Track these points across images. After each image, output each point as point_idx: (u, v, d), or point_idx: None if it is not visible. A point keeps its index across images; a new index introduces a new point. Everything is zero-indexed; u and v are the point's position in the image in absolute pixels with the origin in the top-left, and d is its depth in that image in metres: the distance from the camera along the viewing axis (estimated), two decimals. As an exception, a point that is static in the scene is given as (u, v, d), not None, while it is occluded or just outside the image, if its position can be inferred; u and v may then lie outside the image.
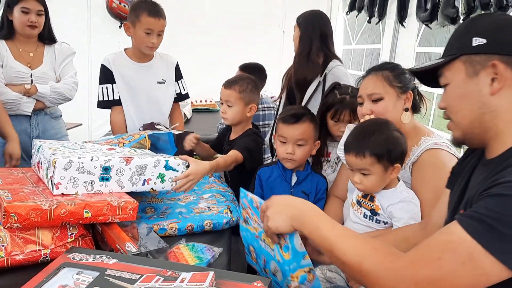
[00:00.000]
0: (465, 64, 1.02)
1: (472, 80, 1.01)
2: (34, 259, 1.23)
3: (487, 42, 0.99)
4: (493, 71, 0.98)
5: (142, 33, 2.33)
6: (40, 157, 1.53)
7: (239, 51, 4.76)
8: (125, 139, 2.09)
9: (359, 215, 1.56)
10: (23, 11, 2.45)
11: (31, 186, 1.40)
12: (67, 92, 2.63)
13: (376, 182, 1.46)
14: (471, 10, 2.44)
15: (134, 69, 2.48)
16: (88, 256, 1.12)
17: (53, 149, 1.49)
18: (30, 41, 2.58)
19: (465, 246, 0.85)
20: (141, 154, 1.67)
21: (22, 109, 2.51)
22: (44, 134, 2.64)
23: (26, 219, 1.19)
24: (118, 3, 4.84)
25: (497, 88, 0.98)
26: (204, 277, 1.01)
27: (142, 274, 1.02)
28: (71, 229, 1.29)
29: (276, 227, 1.12)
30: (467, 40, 1.02)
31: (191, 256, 1.35)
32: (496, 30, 1.01)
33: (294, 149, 1.80)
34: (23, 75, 2.52)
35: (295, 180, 1.87)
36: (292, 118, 1.80)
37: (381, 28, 4.14)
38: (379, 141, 1.42)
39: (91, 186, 1.43)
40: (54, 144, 1.61)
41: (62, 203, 1.25)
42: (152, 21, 2.30)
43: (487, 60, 0.99)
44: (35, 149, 1.62)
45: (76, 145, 1.70)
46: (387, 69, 1.64)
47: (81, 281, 1.01)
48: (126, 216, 1.35)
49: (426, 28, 3.19)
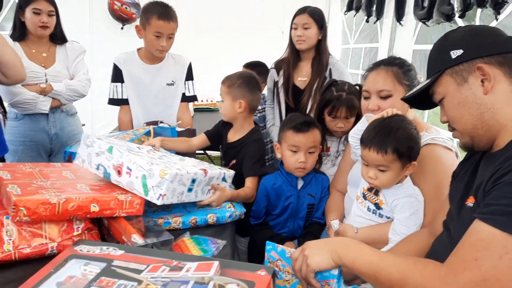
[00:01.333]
0: (452, 75, 1.10)
1: (464, 86, 1.08)
2: (41, 253, 1.25)
3: (464, 51, 1.08)
4: (480, 73, 1.05)
5: (152, 36, 2.32)
6: (121, 161, 1.46)
7: (238, 51, 4.77)
8: (130, 134, 2.12)
9: (363, 208, 1.57)
10: (35, 12, 2.51)
11: (39, 181, 1.42)
12: (81, 88, 2.73)
13: (392, 178, 1.45)
14: (467, 7, 2.46)
15: (144, 70, 2.49)
16: (95, 248, 1.13)
17: (138, 155, 1.49)
18: (42, 41, 2.65)
19: (497, 241, 0.88)
20: (209, 166, 1.73)
21: (39, 108, 2.59)
22: (62, 131, 2.74)
23: (35, 213, 1.22)
24: (119, 5, 4.86)
25: (489, 86, 1.04)
26: (209, 266, 1.02)
27: (148, 265, 1.04)
28: (78, 223, 1.31)
29: (317, 263, 1.12)
30: (446, 55, 1.10)
31: (195, 248, 1.38)
32: (468, 38, 1.09)
33: (306, 157, 1.78)
34: (38, 75, 2.58)
35: (301, 184, 1.87)
36: (305, 126, 1.79)
37: (379, 27, 4.16)
38: (402, 138, 1.40)
39: (181, 196, 1.50)
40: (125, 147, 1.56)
41: (70, 198, 1.27)
42: (161, 24, 2.28)
43: (471, 65, 1.06)
44: (102, 149, 1.51)
45: (143, 149, 1.72)
46: (396, 65, 1.63)
47: (89, 272, 1.02)
48: (132, 210, 1.38)
49: (422, 26, 3.21)
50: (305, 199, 1.86)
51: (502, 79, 1.04)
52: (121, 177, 1.47)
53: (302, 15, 2.59)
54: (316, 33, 2.59)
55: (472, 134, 1.10)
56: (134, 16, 5.00)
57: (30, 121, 2.62)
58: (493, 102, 1.05)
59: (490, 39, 1.07)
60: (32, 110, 2.57)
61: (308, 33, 2.57)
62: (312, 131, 1.80)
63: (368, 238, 1.52)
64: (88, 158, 1.52)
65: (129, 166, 1.44)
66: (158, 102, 2.55)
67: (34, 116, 2.62)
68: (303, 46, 2.60)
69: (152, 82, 2.51)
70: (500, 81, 1.04)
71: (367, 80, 1.69)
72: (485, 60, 1.05)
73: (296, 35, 2.59)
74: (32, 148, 2.66)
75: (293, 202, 1.85)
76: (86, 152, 1.54)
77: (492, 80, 1.04)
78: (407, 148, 1.40)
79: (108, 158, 1.48)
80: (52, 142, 2.71)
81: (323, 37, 2.62)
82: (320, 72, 2.60)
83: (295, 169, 1.80)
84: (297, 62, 2.69)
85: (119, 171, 1.46)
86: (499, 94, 1.04)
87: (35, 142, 2.66)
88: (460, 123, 1.11)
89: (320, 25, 2.60)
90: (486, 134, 1.08)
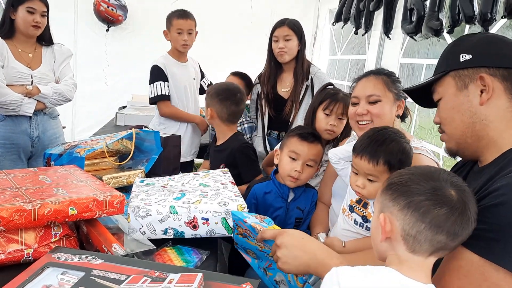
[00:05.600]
0: (455, 79, 1.08)
1: (462, 92, 1.07)
2: (16, 259, 1.20)
3: (473, 57, 1.06)
4: (481, 83, 1.03)
5: (175, 34, 2.88)
6: (192, 215, 1.44)
7: (226, 59, 4.77)
8: (112, 136, 2.10)
9: (350, 221, 1.55)
10: (29, 11, 2.47)
11: (13, 188, 1.36)
12: (68, 93, 2.68)
13: (379, 190, 1.45)
14: (455, 23, 2.49)
15: (179, 67, 3.00)
16: (74, 256, 1.09)
17: (203, 201, 1.49)
18: (29, 41, 2.60)
19: (475, 268, 0.87)
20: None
21: (23, 110, 2.52)
22: (44, 134, 2.68)
23: (9, 222, 1.16)
24: (106, 7, 4.79)
25: (485, 98, 1.03)
26: (192, 278, 0.99)
27: (129, 275, 1.00)
28: (56, 229, 1.26)
29: (289, 270, 1.13)
30: (455, 57, 1.09)
31: (178, 259, 1.34)
32: (481, 45, 1.07)
33: (303, 168, 1.76)
34: (24, 76, 2.52)
35: (292, 197, 1.83)
36: (311, 136, 1.78)
37: (367, 39, 4.20)
38: (394, 151, 1.39)
39: None
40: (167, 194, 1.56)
41: (46, 203, 1.22)
42: (181, 22, 2.86)
43: (475, 73, 1.04)
44: (163, 213, 1.44)
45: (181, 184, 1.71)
46: (385, 74, 1.66)
47: (66, 281, 0.98)
48: (113, 210, 1.33)
49: (410, 40, 3.24)
50: (293, 212, 1.82)
51: (502, 94, 1.03)
52: (198, 230, 1.45)
53: (283, 28, 2.69)
54: (297, 44, 2.70)
55: (459, 141, 1.10)
56: (120, 18, 4.95)
57: (12, 123, 2.54)
58: (487, 115, 1.04)
59: (501, 51, 1.05)
60: (16, 112, 2.50)
61: (289, 45, 2.67)
62: (316, 144, 1.78)
63: (355, 251, 1.50)
64: (149, 228, 1.42)
65: (203, 217, 1.44)
66: (191, 94, 3.06)
67: (16, 118, 2.54)
68: (285, 58, 2.70)
69: (186, 76, 3.03)
70: (499, 95, 1.03)
71: (356, 88, 1.70)
72: (490, 71, 1.03)
73: (278, 47, 2.68)
74: (12, 151, 2.58)
75: (281, 215, 1.82)
76: (143, 223, 1.42)
77: (490, 92, 1.03)
78: (399, 161, 1.39)
79: (176, 219, 1.43)
80: (34, 145, 2.65)
81: (302, 47, 2.73)
82: (301, 80, 2.70)
83: (289, 177, 1.76)
84: (279, 73, 2.80)
85: (194, 225, 1.44)
86: (495, 108, 1.03)
87: (16, 145, 2.58)
88: (451, 126, 1.11)
89: (299, 36, 2.70)
90: (474, 144, 1.07)
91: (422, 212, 0.87)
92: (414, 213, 0.88)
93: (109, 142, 2.06)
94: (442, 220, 0.86)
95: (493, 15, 2.14)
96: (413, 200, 0.89)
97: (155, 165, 2.11)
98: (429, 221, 0.87)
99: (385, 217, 0.94)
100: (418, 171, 0.95)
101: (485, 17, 2.15)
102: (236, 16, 5.20)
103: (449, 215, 0.86)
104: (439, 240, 0.87)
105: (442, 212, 0.86)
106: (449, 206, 0.87)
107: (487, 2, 2.15)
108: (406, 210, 0.90)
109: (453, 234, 0.87)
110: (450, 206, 0.87)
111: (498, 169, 0.98)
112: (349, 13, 4.10)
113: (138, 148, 2.19)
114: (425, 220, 0.87)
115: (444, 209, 0.87)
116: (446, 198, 0.88)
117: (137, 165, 2.15)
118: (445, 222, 0.86)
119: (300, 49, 2.72)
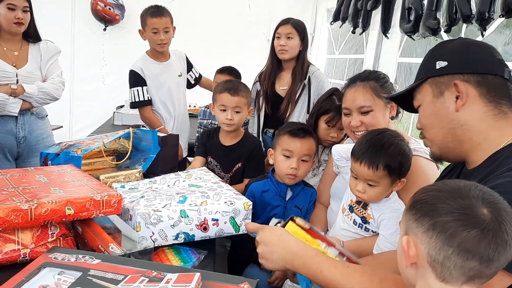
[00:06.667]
0: (432, 85, 1.11)
1: (439, 99, 1.09)
2: (13, 259, 1.20)
3: (448, 63, 1.08)
4: (456, 90, 1.06)
5: (151, 33, 2.73)
6: (203, 217, 1.45)
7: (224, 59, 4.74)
8: (109, 136, 2.09)
9: (349, 221, 1.54)
10: (9, 8, 2.40)
11: (10, 188, 1.36)
12: (55, 91, 2.60)
13: (380, 193, 1.44)
14: (453, 22, 2.49)
15: (160, 68, 2.88)
16: (70, 256, 1.09)
17: (210, 201, 1.49)
18: (15, 39, 2.53)
19: None
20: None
21: (8, 110, 2.45)
22: (31, 135, 2.60)
23: (6, 221, 1.16)
24: (103, 6, 4.78)
25: (460, 105, 1.05)
26: (190, 278, 0.99)
27: (126, 275, 1.00)
28: (52, 229, 1.26)
29: (268, 266, 1.14)
30: (432, 64, 1.11)
31: (175, 258, 1.34)
32: (456, 52, 1.10)
33: (299, 164, 1.74)
34: (9, 75, 2.46)
35: (290, 195, 1.83)
36: (301, 132, 1.76)
37: (365, 39, 4.19)
38: (394, 155, 1.39)
39: None
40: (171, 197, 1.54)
41: (43, 202, 1.21)
42: (155, 20, 2.70)
43: (450, 80, 1.07)
44: (175, 218, 1.43)
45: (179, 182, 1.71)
46: (372, 79, 1.64)
47: (63, 282, 0.98)
48: (111, 210, 1.33)
49: (408, 39, 3.24)
50: (291, 211, 1.81)
51: (477, 99, 1.05)
52: (208, 231, 1.45)
53: (286, 26, 2.71)
54: (298, 44, 2.71)
55: (441, 146, 1.12)
56: (117, 17, 4.93)
57: None
58: (467, 120, 1.06)
59: (476, 57, 1.07)
60: (0, 112, 2.44)
61: (290, 43, 2.68)
62: (308, 138, 1.77)
63: (354, 252, 1.49)
64: (161, 235, 1.41)
65: (213, 218, 1.45)
66: (177, 93, 2.95)
67: (2, 118, 2.47)
68: (285, 56, 2.71)
69: (169, 77, 2.91)
70: (474, 101, 1.05)
71: (345, 97, 1.70)
72: (464, 78, 1.06)
73: (279, 45, 2.70)
74: None
75: (279, 214, 1.81)
76: (155, 230, 1.40)
77: (465, 98, 1.05)
78: (399, 164, 1.39)
79: (187, 223, 1.42)
80: (20, 146, 2.57)
81: (303, 48, 2.74)
82: (299, 80, 2.71)
83: (286, 175, 1.76)
84: (279, 72, 2.81)
85: (205, 227, 1.44)
86: (473, 113, 1.05)
87: (2, 145, 2.51)
88: (431, 132, 1.14)
89: (302, 36, 2.71)
90: (457, 148, 1.09)
91: (449, 235, 0.77)
92: (440, 235, 0.78)
93: (107, 142, 2.05)
94: (473, 243, 0.76)
95: (491, 14, 2.14)
96: (439, 221, 0.79)
97: (152, 164, 2.10)
98: (458, 245, 0.76)
99: (409, 240, 0.84)
100: (445, 187, 0.84)
101: (483, 16, 2.15)
102: (234, 15, 5.20)
103: (481, 238, 0.75)
104: (471, 267, 0.77)
105: (473, 235, 0.76)
106: (481, 228, 0.76)
107: (485, 1, 2.15)
108: (431, 233, 0.80)
109: (487, 260, 0.76)
110: (482, 227, 0.76)
111: (490, 170, 1.00)
112: (347, 12, 4.10)
113: (136, 147, 2.19)
114: (452, 244, 0.77)
115: (474, 231, 0.76)
116: (477, 218, 0.77)
117: (135, 164, 2.14)
118: (476, 246, 0.76)
119: (302, 49, 2.73)
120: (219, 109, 2.12)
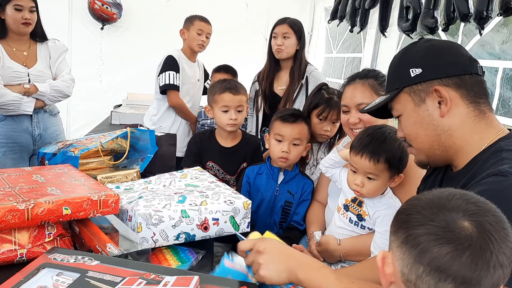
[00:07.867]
0: (410, 94, 1.09)
1: (421, 107, 1.08)
2: (10, 259, 1.19)
3: (423, 70, 1.06)
4: (437, 95, 1.04)
5: (195, 33, 2.95)
6: (203, 217, 1.43)
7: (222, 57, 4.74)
8: (106, 135, 2.08)
9: (345, 219, 1.55)
10: (16, 9, 2.44)
11: (7, 187, 1.35)
12: (66, 89, 2.66)
13: (378, 188, 1.44)
14: (450, 21, 2.49)
15: (188, 66, 3.04)
16: (69, 257, 1.08)
17: (210, 201, 1.48)
18: (23, 39, 2.57)
19: None
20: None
21: (23, 109, 2.51)
22: (46, 132, 2.67)
23: (2, 221, 1.15)
24: (100, 5, 4.75)
25: (445, 110, 1.04)
26: (188, 281, 0.98)
27: (124, 277, 0.99)
28: (49, 229, 1.25)
29: (270, 277, 1.02)
30: (405, 73, 1.09)
31: (173, 258, 1.33)
32: (428, 58, 1.08)
33: (290, 148, 1.80)
34: (21, 75, 2.50)
35: (281, 178, 1.88)
36: (291, 117, 1.83)
37: (363, 37, 4.19)
38: (395, 148, 1.39)
39: None
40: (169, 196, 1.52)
41: (40, 202, 1.20)
42: (203, 24, 2.98)
43: (429, 86, 1.05)
44: (176, 218, 1.41)
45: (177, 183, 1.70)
46: (371, 77, 1.65)
47: (61, 283, 0.97)
48: (108, 210, 1.32)
49: (406, 38, 3.24)
50: (283, 195, 1.88)
51: (459, 101, 1.04)
52: (209, 231, 1.44)
53: (282, 25, 2.74)
54: (295, 43, 2.73)
55: (428, 154, 1.11)
56: (115, 16, 4.91)
57: (13, 122, 2.53)
58: (450, 125, 1.05)
59: (449, 59, 1.06)
60: (16, 111, 2.49)
61: (287, 43, 2.71)
62: (298, 123, 1.83)
63: (351, 249, 1.51)
64: (162, 235, 1.39)
65: (214, 217, 1.44)
66: (190, 93, 3.08)
67: (17, 117, 2.53)
68: (282, 55, 2.74)
69: (192, 76, 3.07)
70: (457, 104, 1.04)
71: (344, 95, 1.70)
72: (443, 82, 1.05)
73: (276, 44, 2.73)
74: (14, 150, 2.57)
75: (271, 196, 1.88)
76: (156, 230, 1.38)
77: (449, 103, 1.04)
78: (399, 158, 1.40)
79: (188, 223, 1.41)
80: (36, 143, 2.63)
81: (300, 47, 2.76)
82: (297, 79, 2.73)
83: (278, 158, 1.83)
84: (277, 71, 2.84)
85: (205, 227, 1.44)
86: (456, 117, 1.05)
87: (18, 144, 2.57)
88: (417, 141, 1.12)
89: (299, 35, 2.73)
90: (443, 155, 1.09)
91: (420, 250, 0.67)
92: (412, 250, 0.68)
93: (104, 141, 2.04)
94: (445, 261, 0.64)
95: (489, 12, 2.14)
96: (411, 234, 0.68)
97: (150, 164, 2.10)
98: (428, 263, 0.65)
99: (385, 255, 0.75)
100: (427, 196, 0.74)
101: (481, 15, 2.15)
102: (232, 14, 5.18)
103: (455, 256, 0.64)
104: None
105: (445, 251, 0.64)
106: (456, 244, 0.64)
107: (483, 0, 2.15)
108: (404, 247, 0.69)
109: (464, 283, 0.64)
110: (458, 243, 0.64)
111: (470, 176, 1.00)
112: (344, 11, 4.10)
113: (133, 147, 2.18)
114: (423, 261, 0.66)
115: (448, 247, 0.65)
116: (453, 232, 0.66)
117: (132, 164, 2.13)
118: (449, 265, 0.64)
119: (299, 48, 2.74)
120: (220, 110, 2.06)
